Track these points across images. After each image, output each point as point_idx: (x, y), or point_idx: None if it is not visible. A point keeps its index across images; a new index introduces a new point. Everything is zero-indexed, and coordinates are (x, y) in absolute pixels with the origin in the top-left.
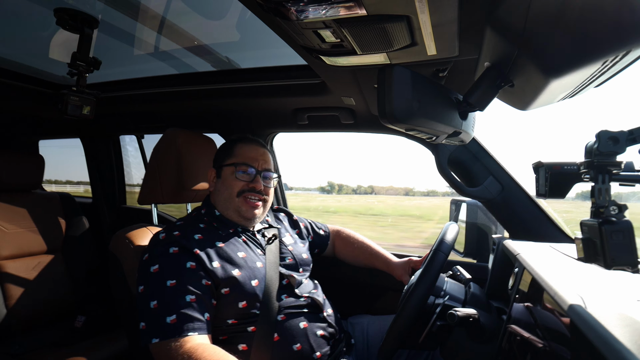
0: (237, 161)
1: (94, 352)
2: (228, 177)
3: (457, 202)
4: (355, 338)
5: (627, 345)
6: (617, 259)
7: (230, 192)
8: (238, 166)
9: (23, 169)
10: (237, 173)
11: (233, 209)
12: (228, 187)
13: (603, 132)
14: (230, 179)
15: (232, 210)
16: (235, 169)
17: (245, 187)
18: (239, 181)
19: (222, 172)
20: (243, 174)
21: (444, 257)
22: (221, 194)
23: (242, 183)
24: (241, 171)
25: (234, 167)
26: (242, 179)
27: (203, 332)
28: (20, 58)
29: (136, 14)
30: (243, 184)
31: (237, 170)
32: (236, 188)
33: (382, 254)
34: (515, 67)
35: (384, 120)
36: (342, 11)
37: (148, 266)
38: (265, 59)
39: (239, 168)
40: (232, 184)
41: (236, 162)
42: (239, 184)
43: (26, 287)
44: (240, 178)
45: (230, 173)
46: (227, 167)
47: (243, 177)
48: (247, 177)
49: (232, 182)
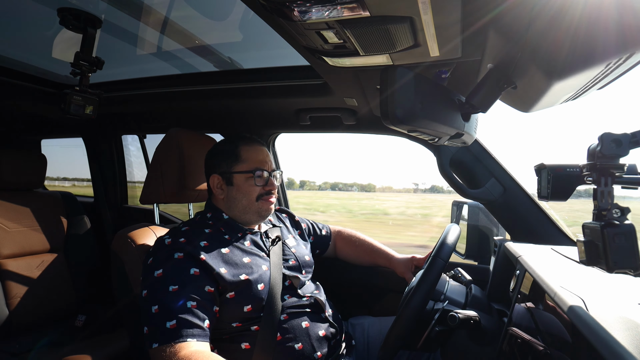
0: (250, 167)
1: (94, 351)
2: (243, 184)
3: (458, 203)
4: (355, 339)
5: (628, 349)
6: (619, 262)
7: (249, 198)
8: (255, 172)
9: (25, 168)
10: (255, 180)
11: (254, 212)
12: (246, 194)
13: (606, 134)
14: (247, 186)
15: (252, 214)
16: (252, 175)
17: (262, 191)
18: (257, 187)
19: (234, 180)
20: (260, 179)
21: (443, 263)
22: (238, 201)
23: (259, 188)
24: (258, 177)
25: (250, 175)
26: (259, 184)
27: (202, 339)
28: (23, 57)
29: (139, 14)
30: (260, 188)
31: (255, 177)
32: (254, 194)
33: (384, 250)
34: (518, 69)
35: (387, 121)
36: (345, 12)
37: (152, 270)
38: (267, 60)
39: (257, 174)
40: (250, 191)
41: (250, 169)
42: (256, 189)
43: (27, 286)
44: (258, 184)
45: (245, 180)
46: (239, 175)
47: (260, 183)
48: (263, 181)
49: (249, 188)
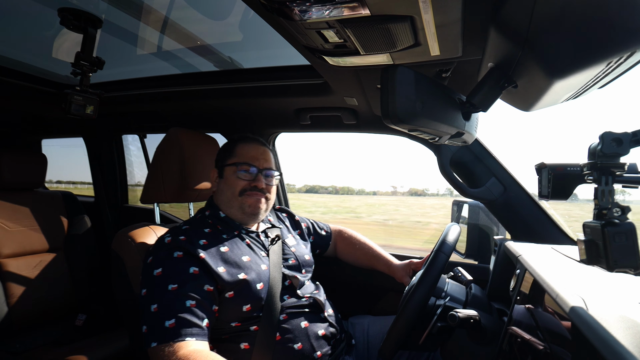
0: (239, 161)
1: (94, 350)
2: (230, 176)
3: (459, 202)
4: (355, 338)
5: (628, 348)
6: (619, 261)
7: (233, 191)
8: (239, 165)
9: (26, 168)
10: (238, 172)
11: (236, 207)
12: (230, 186)
13: (607, 133)
14: (232, 178)
15: (235, 209)
16: (237, 168)
17: (247, 186)
18: (241, 180)
19: (224, 172)
20: (245, 173)
21: (446, 258)
22: (224, 193)
23: (244, 182)
24: (243, 170)
25: (235, 167)
26: (244, 178)
27: (200, 338)
28: (24, 57)
29: (139, 14)
30: (245, 183)
31: (238, 170)
32: (238, 187)
33: (384, 256)
34: (518, 68)
35: (387, 120)
36: (346, 11)
37: (151, 269)
38: (268, 59)
39: (241, 167)
40: (234, 183)
41: (237, 162)
42: (241, 183)
43: (28, 285)
44: (242, 177)
45: (232, 172)
46: (228, 167)
47: (245, 177)
48: (249, 176)
49: (234, 181)
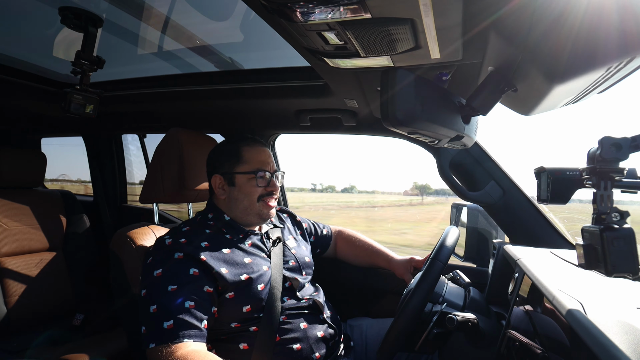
0: (253, 168)
1: (92, 350)
2: (245, 184)
3: (458, 206)
4: (354, 340)
5: (626, 353)
6: (618, 266)
7: (251, 199)
8: (257, 173)
9: (25, 166)
10: (257, 180)
11: (254, 214)
12: (247, 194)
13: (606, 138)
14: (249, 187)
15: (253, 215)
16: (254, 176)
17: (264, 192)
18: (258, 188)
19: (236, 180)
20: (262, 180)
21: (442, 266)
22: (240, 201)
23: (261, 189)
24: (260, 178)
25: (252, 175)
26: (261, 185)
27: (198, 340)
28: (24, 56)
29: (140, 14)
30: (262, 189)
31: (257, 178)
32: (256, 194)
33: (384, 252)
34: (518, 72)
35: (387, 123)
36: (347, 14)
37: (151, 270)
38: (268, 60)
39: (259, 175)
40: (252, 191)
41: (252, 170)
42: (258, 190)
43: (26, 284)
44: (260, 185)
45: (247, 180)
46: (241, 175)
47: (262, 183)
48: (265, 182)
49: (251, 189)
